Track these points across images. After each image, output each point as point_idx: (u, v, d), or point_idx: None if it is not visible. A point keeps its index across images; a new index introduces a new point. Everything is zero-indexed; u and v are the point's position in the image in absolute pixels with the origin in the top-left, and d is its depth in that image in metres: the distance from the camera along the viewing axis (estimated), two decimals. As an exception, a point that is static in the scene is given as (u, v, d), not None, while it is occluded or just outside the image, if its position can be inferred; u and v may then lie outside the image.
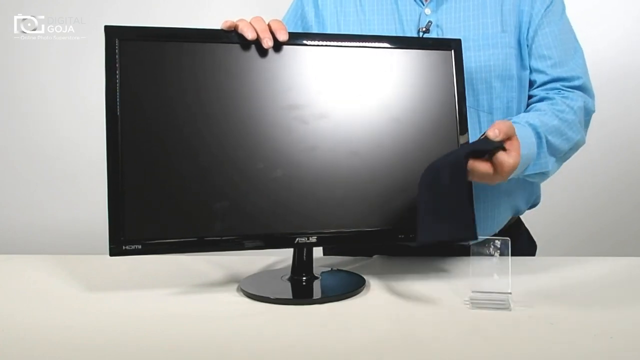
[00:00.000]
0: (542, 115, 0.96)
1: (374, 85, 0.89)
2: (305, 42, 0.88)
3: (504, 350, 0.65)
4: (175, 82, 0.83)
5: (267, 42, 0.85)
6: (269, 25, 0.87)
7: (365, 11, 1.05)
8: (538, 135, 0.93)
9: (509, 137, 0.81)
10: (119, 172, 0.81)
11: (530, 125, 0.93)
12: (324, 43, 0.89)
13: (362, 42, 0.91)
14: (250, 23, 0.87)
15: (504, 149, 0.81)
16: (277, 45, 0.87)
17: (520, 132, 0.86)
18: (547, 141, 0.95)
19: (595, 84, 1.13)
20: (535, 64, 1.06)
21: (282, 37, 0.86)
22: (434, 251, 1.08)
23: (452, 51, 0.93)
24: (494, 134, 0.79)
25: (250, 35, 0.84)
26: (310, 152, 0.86)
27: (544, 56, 1.05)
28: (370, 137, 0.88)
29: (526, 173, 0.94)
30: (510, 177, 0.86)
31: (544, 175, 0.97)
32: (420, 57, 0.92)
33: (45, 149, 2.07)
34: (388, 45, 0.91)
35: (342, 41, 0.90)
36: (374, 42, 0.91)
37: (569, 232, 1.96)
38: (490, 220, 1.05)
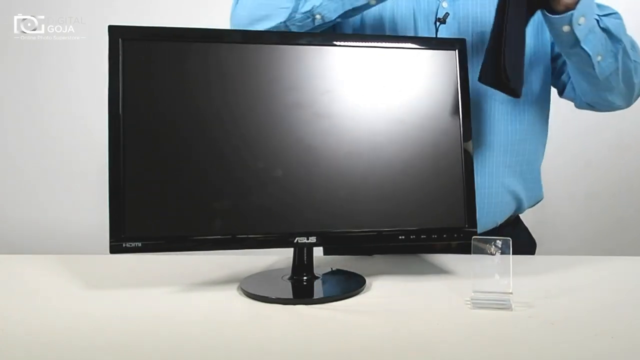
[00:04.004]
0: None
1: (376, 85, 0.89)
2: (307, 41, 0.88)
3: (505, 350, 0.65)
4: (178, 82, 0.84)
5: None
6: None
7: None
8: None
9: None
10: (120, 170, 0.81)
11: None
12: (326, 43, 0.89)
13: (365, 42, 0.90)
14: None
15: None
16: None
17: None
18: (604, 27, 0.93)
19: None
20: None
21: None
22: (434, 250, 1.08)
23: (456, 51, 0.92)
24: None
25: None
26: (310, 152, 0.86)
27: None
28: (371, 137, 0.88)
29: (576, 31, 0.89)
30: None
31: (589, 57, 0.92)
32: (424, 57, 0.91)
33: (45, 148, 2.06)
34: (391, 45, 0.91)
35: (344, 41, 0.89)
36: (377, 42, 0.91)
37: (569, 231, 1.96)
38: (492, 214, 1.05)
